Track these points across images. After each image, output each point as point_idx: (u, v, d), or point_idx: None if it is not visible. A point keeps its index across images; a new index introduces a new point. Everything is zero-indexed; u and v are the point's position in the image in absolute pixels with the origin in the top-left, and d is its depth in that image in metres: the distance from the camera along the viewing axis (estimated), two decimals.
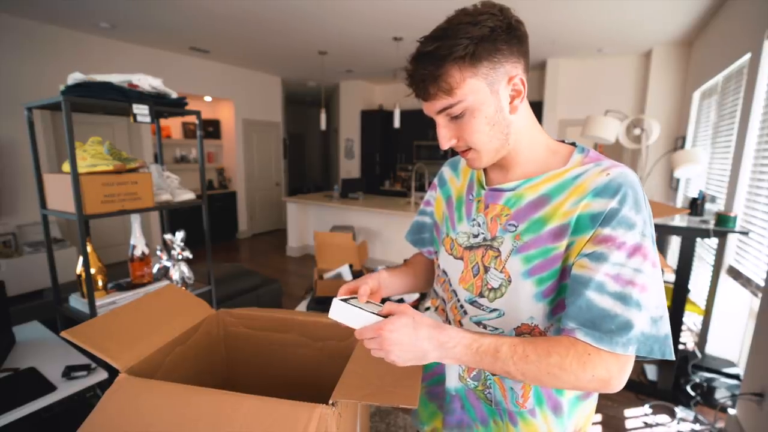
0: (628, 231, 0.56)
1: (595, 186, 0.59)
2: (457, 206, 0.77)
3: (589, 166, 0.62)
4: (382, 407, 2.14)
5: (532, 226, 0.63)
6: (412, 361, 0.58)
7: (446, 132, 0.63)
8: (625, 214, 0.57)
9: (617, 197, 0.57)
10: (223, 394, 0.66)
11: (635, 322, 0.55)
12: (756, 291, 2.10)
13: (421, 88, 0.60)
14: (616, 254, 0.56)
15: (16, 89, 3.71)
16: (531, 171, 0.66)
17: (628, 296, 0.55)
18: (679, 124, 4.38)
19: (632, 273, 0.56)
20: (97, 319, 0.86)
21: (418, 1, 3.28)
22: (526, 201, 0.65)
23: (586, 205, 0.58)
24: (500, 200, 0.67)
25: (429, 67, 0.58)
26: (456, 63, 0.57)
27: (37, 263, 3.63)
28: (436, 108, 0.61)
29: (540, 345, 0.57)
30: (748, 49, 2.52)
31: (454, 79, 0.57)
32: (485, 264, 0.68)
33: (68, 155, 1.31)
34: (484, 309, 0.69)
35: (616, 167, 0.60)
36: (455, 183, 0.80)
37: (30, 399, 1.17)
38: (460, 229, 0.74)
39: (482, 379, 0.72)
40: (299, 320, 1.02)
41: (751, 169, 2.42)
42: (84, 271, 1.40)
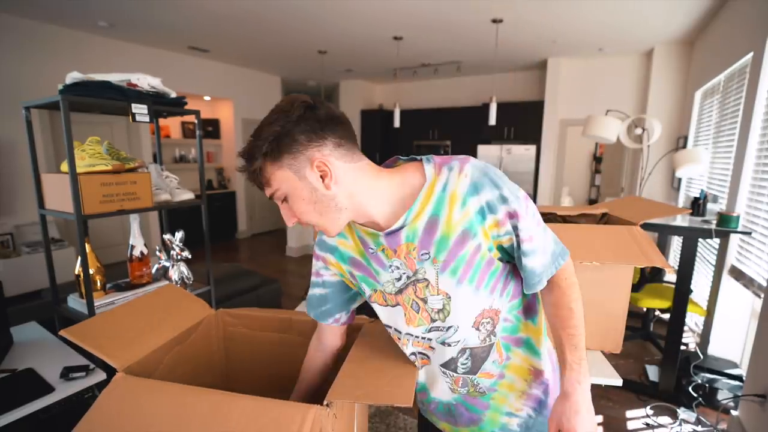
0: (514, 199, 0.68)
1: (465, 189, 0.67)
2: (366, 263, 0.78)
3: (444, 174, 0.68)
4: (382, 408, 2.13)
5: (440, 246, 0.69)
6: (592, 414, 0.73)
7: (285, 212, 0.71)
8: (495, 195, 0.67)
9: (482, 191, 0.66)
10: (218, 394, 0.65)
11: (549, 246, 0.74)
12: (758, 291, 2.09)
13: (253, 181, 0.70)
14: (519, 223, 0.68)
15: (15, 89, 3.70)
16: (401, 206, 0.71)
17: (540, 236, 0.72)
18: (680, 123, 4.37)
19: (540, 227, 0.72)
20: (96, 319, 0.85)
21: (418, 1, 3.27)
22: (420, 229, 0.70)
23: (468, 209, 0.67)
24: (401, 239, 0.71)
25: (247, 165, 0.67)
26: (261, 161, 0.65)
27: (35, 263, 3.62)
28: (267, 194, 0.70)
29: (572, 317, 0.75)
30: (750, 48, 2.51)
31: (265, 173, 0.67)
32: (420, 297, 0.74)
33: (67, 155, 1.30)
34: (441, 330, 0.75)
35: (462, 162, 0.68)
36: (346, 243, 0.80)
37: (28, 400, 1.16)
38: (383, 280, 0.77)
39: (470, 384, 0.81)
40: (298, 320, 1.01)
41: (753, 168, 2.41)
42: (82, 272, 1.39)
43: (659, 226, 2.28)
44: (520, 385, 0.81)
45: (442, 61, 5.44)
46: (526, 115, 5.62)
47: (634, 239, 1.34)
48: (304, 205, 0.68)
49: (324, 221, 0.70)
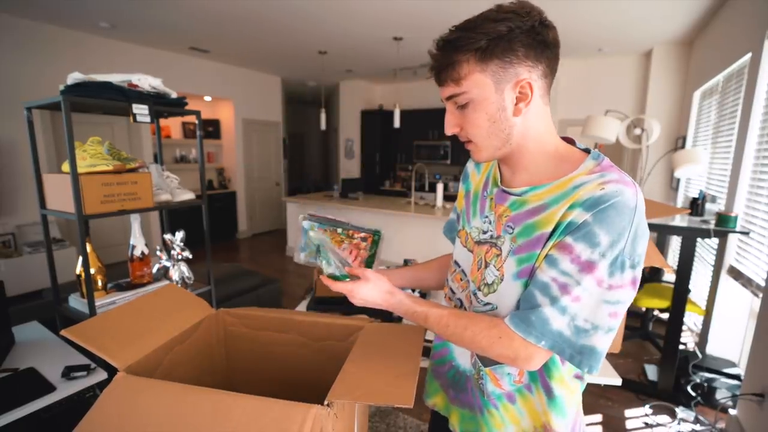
0: (588, 247, 0.57)
1: (585, 196, 0.58)
2: (473, 201, 0.79)
3: (594, 176, 0.61)
4: (382, 408, 2.14)
5: (525, 231, 0.64)
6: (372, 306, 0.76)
7: (451, 119, 0.67)
8: (593, 230, 0.57)
9: (594, 211, 0.57)
10: (219, 393, 0.66)
11: (555, 321, 0.59)
12: (757, 291, 2.10)
13: (435, 73, 0.65)
14: (567, 264, 0.58)
15: (16, 89, 3.71)
16: (537, 178, 0.67)
17: (559, 300, 0.59)
18: (679, 123, 4.37)
19: (573, 285, 0.58)
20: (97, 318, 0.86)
21: (418, 1, 3.28)
22: (527, 207, 0.66)
23: (568, 214, 0.59)
24: (506, 202, 0.69)
25: (444, 54, 0.62)
26: (467, 55, 0.60)
27: (36, 263, 3.63)
28: (445, 94, 0.65)
29: (462, 320, 0.67)
30: (749, 48, 2.52)
31: (462, 70, 0.61)
32: (487, 260, 0.71)
33: (68, 155, 1.30)
34: (479, 301, 0.72)
35: (617, 183, 0.58)
36: (475, 177, 0.83)
37: (29, 399, 1.16)
38: (473, 224, 0.77)
39: (477, 369, 0.76)
40: (299, 320, 1.01)
41: (752, 168, 2.41)
42: (83, 271, 1.40)
43: (658, 226, 2.29)
44: (526, 426, 0.72)
45: None
46: None
47: None
48: (483, 119, 0.63)
49: (486, 143, 0.66)
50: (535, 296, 0.61)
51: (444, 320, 0.69)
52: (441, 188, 4.39)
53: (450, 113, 0.67)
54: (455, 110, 0.66)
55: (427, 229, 4.33)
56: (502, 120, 0.63)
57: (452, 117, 0.67)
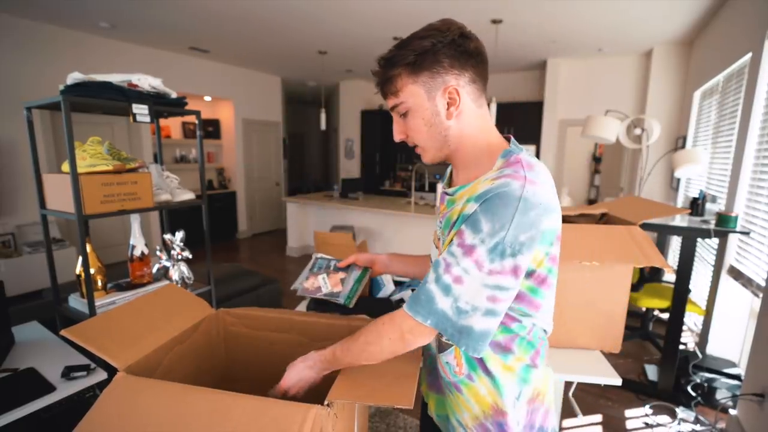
0: (472, 232, 0.63)
1: (480, 190, 0.64)
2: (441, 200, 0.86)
3: (494, 174, 0.66)
4: (382, 408, 2.14)
5: (446, 224, 0.72)
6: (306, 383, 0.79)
7: (397, 127, 0.75)
8: (478, 218, 0.62)
9: (481, 202, 0.62)
10: (219, 393, 0.66)
11: (439, 302, 0.64)
12: (757, 291, 2.10)
13: (380, 88, 0.73)
14: (454, 247, 0.64)
15: (16, 89, 3.71)
16: (471, 175, 0.72)
17: (443, 281, 0.64)
18: (679, 123, 4.37)
19: (456, 265, 0.63)
20: (97, 318, 0.86)
21: (418, 1, 3.28)
22: (453, 205, 0.72)
23: (465, 206, 0.66)
24: (444, 201, 0.77)
25: (383, 71, 0.71)
26: (400, 70, 0.68)
27: (36, 263, 3.63)
28: (389, 105, 0.73)
29: (355, 333, 0.73)
30: (749, 48, 2.52)
31: (398, 83, 0.69)
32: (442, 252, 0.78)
33: (68, 155, 1.30)
34: None
35: (505, 178, 0.63)
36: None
37: (29, 399, 1.16)
38: (437, 221, 0.83)
39: (434, 356, 0.82)
40: (299, 320, 1.01)
41: (752, 168, 2.41)
42: (83, 271, 1.40)
43: (658, 226, 2.29)
44: (477, 411, 0.75)
45: None
46: (525, 115, 5.62)
47: (634, 239, 1.35)
48: (421, 124, 0.71)
49: (428, 145, 0.74)
50: (428, 273, 0.67)
51: (345, 344, 0.73)
52: (441, 188, 4.39)
53: (395, 122, 0.75)
54: (399, 119, 0.74)
55: (427, 229, 4.33)
56: (438, 124, 0.70)
57: (397, 125, 0.75)
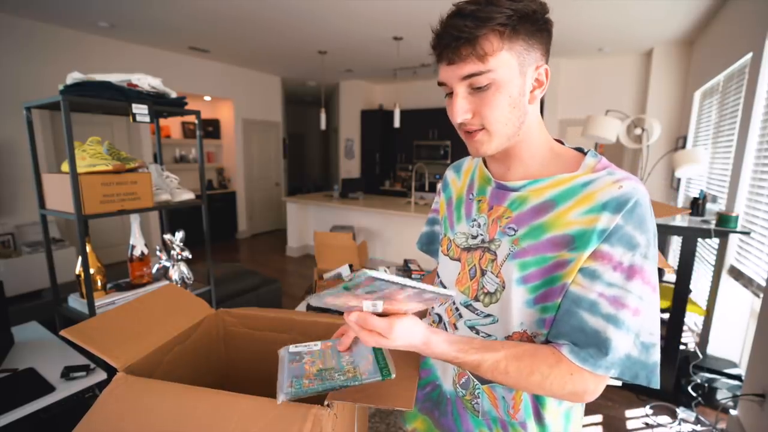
0: (628, 251, 0.54)
1: (606, 198, 0.55)
2: (456, 206, 0.75)
3: (601, 173, 0.58)
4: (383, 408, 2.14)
5: (532, 232, 0.60)
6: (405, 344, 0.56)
7: (464, 104, 0.58)
8: (628, 232, 0.54)
9: (623, 213, 0.54)
10: (219, 393, 0.65)
11: (621, 345, 0.54)
12: (757, 291, 2.10)
13: (452, 48, 0.55)
14: (611, 273, 0.54)
15: (16, 89, 3.71)
16: (534, 172, 0.63)
17: (618, 319, 0.54)
18: (680, 123, 4.37)
19: (626, 295, 0.54)
20: (96, 318, 0.86)
21: (418, 1, 3.27)
22: (529, 205, 0.62)
23: (594, 219, 0.55)
24: (504, 202, 0.65)
25: (468, 25, 0.53)
26: (497, 29, 0.53)
27: (35, 263, 3.62)
28: (463, 73, 0.56)
29: (524, 362, 0.56)
30: (750, 48, 2.52)
31: (491, 45, 0.54)
32: (482, 267, 0.66)
33: (67, 155, 1.30)
34: (478, 314, 0.67)
35: (629, 180, 0.56)
36: (456, 184, 0.79)
37: (29, 400, 1.16)
38: (458, 230, 0.72)
39: (470, 388, 0.71)
40: (299, 320, 1.01)
41: (753, 168, 2.41)
42: (83, 272, 1.39)
43: (658, 226, 2.26)
44: None
45: None
46: None
47: None
48: (505, 103, 0.57)
49: (501, 131, 0.59)
50: (585, 320, 0.55)
51: (502, 366, 0.57)
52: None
53: (462, 97, 0.58)
54: (468, 94, 0.58)
55: None
56: (521, 106, 0.58)
57: (465, 101, 0.58)
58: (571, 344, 0.56)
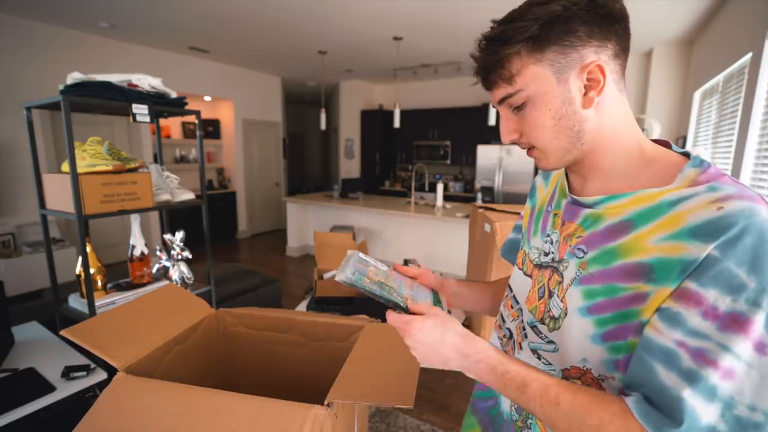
0: (727, 294, 0.42)
1: (696, 221, 0.44)
2: (536, 218, 0.69)
3: (700, 188, 0.47)
4: (382, 408, 2.14)
5: (602, 257, 0.52)
6: (433, 364, 0.54)
7: (507, 124, 0.57)
8: (729, 269, 0.41)
9: (721, 242, 0.42)
10: (219, 393, 0.66)
11: (701, 413, 0.42)
12: None
13: (482, 76, 0.55)
14: (697, 320, 0.43)
15: (16, 89, 3.71)
16: (615, 185, 0.55)
17: (700, 377, 0.42)
18: (679, 123, 4.37)
19: (712, 348, 0.42)
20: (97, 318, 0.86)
21: (418, 1, 3.27)
22: (604, 224, 0.53)
23: (678, 246, 0.45)
24: (577, 218, 0.57)
25: (490, 53, 0.53)
26: (517, 48, 0.51)
27: (36, 263, 3.62)
28: (497, 97, 0.55)
29: (581, 397, 0.48)
30: (749, 48, 2.52)
31: (514, 65, 0.51)
32: (551, 288, 0.59)
33: (67, 155, 1.30)
34: (542, 337, 0.60)
35: (739, 200, 0.43)
36: (542, 192, 0.71)
37: (29, 399, 1.16)
38: (533, 244, 0.66)
39: (523, 415, 0.64)
40: (299, 320, 1.01)
41: (752, 168, 2.41)
42: (83, 271, 1.39)
43: None
44: None
45: (442, 61, 5.44)
46: None
47: None
48: (547, 118, 0.52)
49: (553, 145, 0.54)
50: (655, 372, 0.44)
51: (552, 393, 0.49)
52: (441, 188, 4.39)
53: (505, 118, 0.56)
54: (510, 114, 0.56)
55: (427, 229, 4.33)
56: (570, 115, 0.52)
57: (508, 122, 0.56)
58: (642, 398, 0.46)
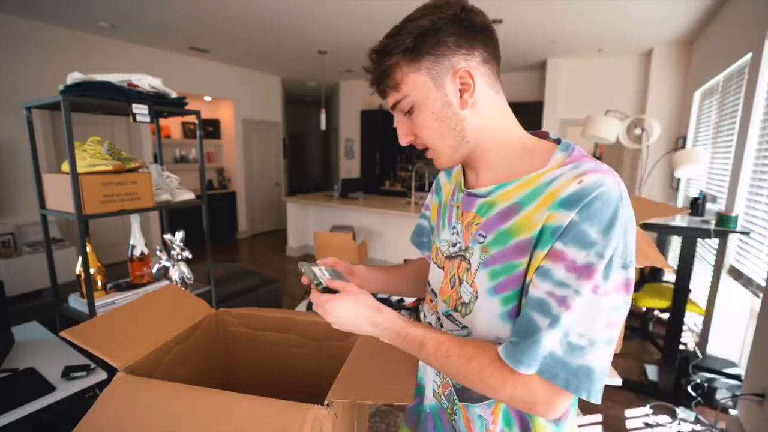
0: (581, 249, 0.50)
1: (564, 194, 0.52)
2: (442, 212, 0.74)
3: (566, 168, 0.55)
4: (382, 408, 2.14)
5: (499, 238, 0.58)
6: (350, 330, 0.63)
7: (402, 127, 0.63)
8: (584, 230, 0.50)
9: (580, 207, 0.50)
10: (218, 393, 0.65)
11: (544, 339, 0.50)
12: (757, 291, 2.10)
13: (375, 86, 0.62)
14: (562, 273, 0.51)
15: (16, 89, 3.71)
16: (503, 174, 0.61)
17: (550, 312, 0.50)
18: (679, 123, 4.37)
19: (571, 294, 0.50)
20: (97, 319, 0.86)
21: (418, 2, 3.27)
22: (497, 210, 0.59)
23: (551, 216, 0.52)
24: (473, 207, 0.63)
25: (377, 64, 0.59)
26: (396, 59, 0.57)
27: (36, 263, 3.62)
28: (390, 103, 0.62)
29: (466, 348, 0.56)
30: (749, 48, 2.52)
31: (397, 75, 0.58)
32: (460, 276, 0.65)
33: (67, 155, 1.30)
34: (457, 324, 0.65)
35: (595, 173, 0.52)
36: (446, 188, 0.77)
37: (29, 399, 1.16)
38: (442, 237, 0.71)
39: (450, 402, 0.69)
40: (299, 320, 1.01)
41: (752, 168, 2.41)
42: (83, 271, 1.39)
43: (658, 226, 2.29)
44: None
45: None
46: (525, 115, 5.61)
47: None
48: (431, 119, 0.59)
49: (442, 145, 0.61)
50: (533, 319, 0.52)
51: (444, 348, 0.57)
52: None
53: (399, 123, 0.63)
54: (403, 118, 0.62)
55: None
56: (451, 116, 0.59)
57: (402, 126, 0.63)
58: (508, 341, 0.54)
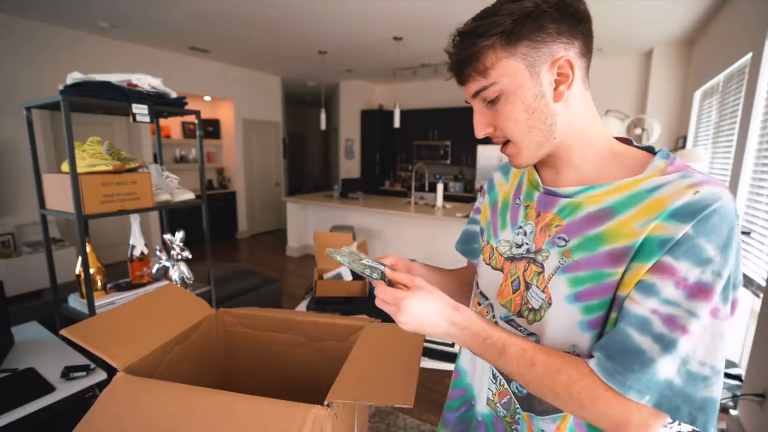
0: (696, 266, 0.46)
1: (676, 204, 0.47)
2: (501, 211, 0.69)
3: (672, 176, 0.50)
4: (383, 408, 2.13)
5: (586, 243, 0.53)
6: (420, 331, 0.56)
7: (481, 118, 0.58)
8: (699, 244, 0.46)
9: (695, 222, 0.46)
10: (218, 393, 0.65)
11: (663, 368, 0.45)
12: (757, 291, 2.10)
13: (456, 70, 0.57)
14: (670, 290, 0.46)
15: (15, 89, 3.71)
16: (589, 176, 0.57)
17: (670, 340, 0.46)
18: (680, 123, 4.37)
19: (682, 314, 0.46)
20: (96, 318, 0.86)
21: (418, 1, 3.27)
22: (583, 212, 0.55)
23: (659, 226, 0.48)
24: (553, 208, 0.59)
25: (464, 47, 0.54)
26: (491, 41, 0.52)
27: (35, 263, 3.62)
28: (471, 91, 0.57)
29: (552, 358, 0.51)
30: (750, 48, 2.52)
31: (488, 58, 0.53)
32: (527, 280, 0.60)
33: (67, 155, 1.30)
34: (520, 330, 0.61)
35: (710, 184, 0.47)
36: (503, 187, 0.73)
37: (29, 399, 1.16)
38: (502, 237, 0.67)
39: (511, 410, 0.64)
40: (299, 320, 1.01)
41: (752, 169, 2.41)
42: (83, 272, 1.39)
43: None
44: None
45: (442, 61, 5.42)
46: None
47: None
48: (520, 111, 0.54)
49: (526, 140, 0.56)
50: (630, 337, 0.47)
51: (528, 355, 0.52)
52: (441, 188, 4.39)
53: (479, 113, 0.58)
54: (484, 108, 0.57)
55: (427, 229, 4.33)
56: (542, 109, 0.54)
57: (482, 116, 0.58)
58: (602, 356, 0.49)
